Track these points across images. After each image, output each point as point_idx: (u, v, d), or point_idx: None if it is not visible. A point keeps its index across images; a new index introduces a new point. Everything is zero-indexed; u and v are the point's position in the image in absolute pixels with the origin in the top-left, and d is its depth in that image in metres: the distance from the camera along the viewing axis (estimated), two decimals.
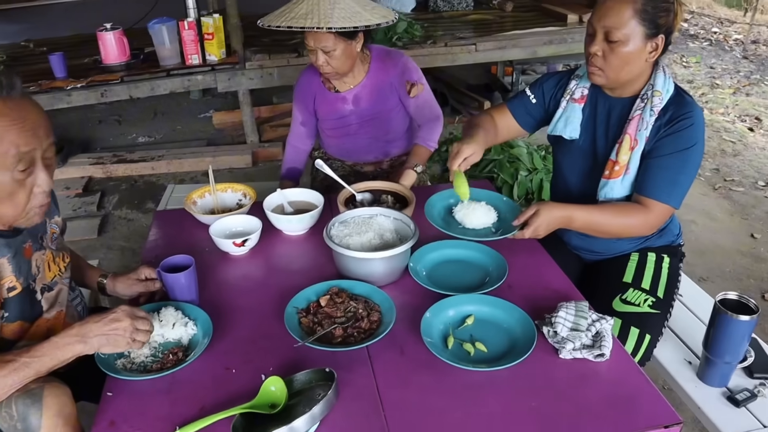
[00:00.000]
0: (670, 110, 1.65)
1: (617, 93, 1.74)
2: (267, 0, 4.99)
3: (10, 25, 5.70)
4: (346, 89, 2.31)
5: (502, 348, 1.40)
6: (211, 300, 1.60)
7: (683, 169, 1.63)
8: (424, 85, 2.33)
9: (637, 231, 1.70)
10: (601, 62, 1.64)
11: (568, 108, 1.81)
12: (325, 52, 2.11)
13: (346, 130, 2.39)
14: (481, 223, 1.74)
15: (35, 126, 1.25)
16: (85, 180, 4.01)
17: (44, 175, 1.29)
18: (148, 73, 3.93)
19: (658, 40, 1.61)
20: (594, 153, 1.79)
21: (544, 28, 4.57)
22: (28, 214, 1.31)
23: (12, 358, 1.23)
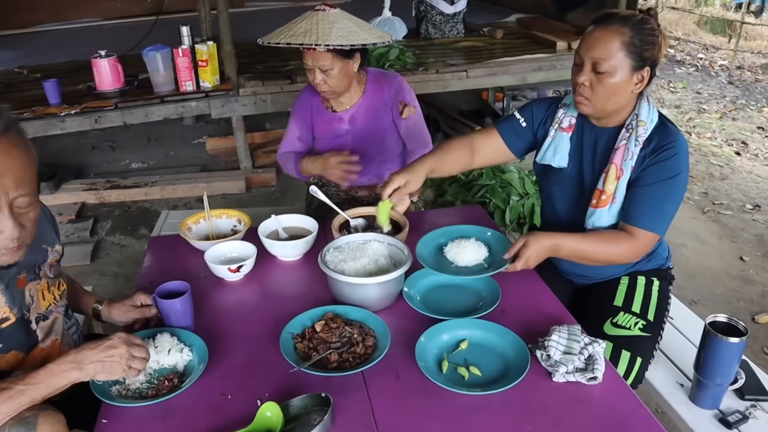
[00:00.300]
0: (654, 140, 1.68)
1: (603, 123, 1.77)
2: (260, 27, 5.07)
3: (3, 51, 5.73)
4: (343, 109, 2.35)
5: (496, 372, 1.41)
6: (207, 326, 1.60)
7: (668, 198, 1.66)
8: (416, 109, 2.37)
9: (624, 259, 1.73)
10: (589, 92, 1.67)
11: (556, 137, 1.83)
12: (323, 70, 2.16)
13: (343, 149, 2.42)
14: (473, 260, 1.73)
15: (2, 175, 1.19)
16: (78, 206, 4.01)
17: (9, 223, 1.22)
18: (142, 100, 3.96)
19: (644, 72, 1.65)
20: (581, 181, 1.82)
21: (534, 55, 4.64)
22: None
23: (7, 385, 1.22)
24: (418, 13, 5.28)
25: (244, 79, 4.18)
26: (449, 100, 5.45)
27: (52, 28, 6.81)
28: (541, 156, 1.87)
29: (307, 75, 2.24)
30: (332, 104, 2.36)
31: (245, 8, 7.30)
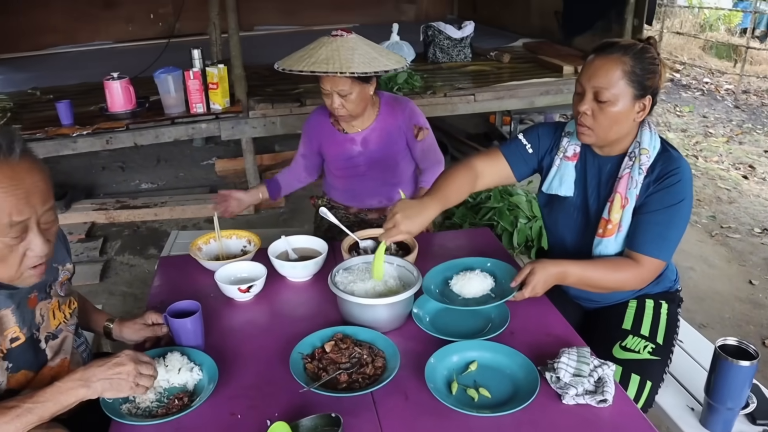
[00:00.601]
0: (657, 167, 1.69)
1: (605, 151, 1.77)
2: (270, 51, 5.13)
3: (17, 73, 5.83)
4: (355, 131, 2.38)
5: (505, 394, 1.41)
6: (217, 345, 1.61)
7: (672, 224, 1.66)
8: (429, 131, 2.40)
9: (630, 285, 1.73)
10: (591, 121, 1.67)
11: (561, 166, 1.83)
12: (342, 95, 2.19)
13: (354, 171, 2.44)
14: (480, 291, 1.72)
15: (29, 193, 1.23)
16: (87, 225, 4.04)
17: (39, 240, 1.27)
18: (153, 121, 4.00)
19: (645, 100, 1.66)
20: (586, 210, 1.82)
21: (541, 79, 4.68)
22: (23, 275, 1.30)
23: (15, 404, 1.23)
24: (425, 37, 5.34)
25: (254, 101, 4.22)
26: (457, 124, 5.50)
27: (65, 51, 6.92)
28: (547, 185, 1.87)
29: (324, 99, 2.27)
30: (344, 126, 2.39)
31: (255, 32, 7.39)
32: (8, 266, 1.27)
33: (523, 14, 6.48)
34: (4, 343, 1.34)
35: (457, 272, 1.80)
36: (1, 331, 1.33)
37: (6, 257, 1.26)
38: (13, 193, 1.21)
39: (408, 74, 4.43)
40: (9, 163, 1.22)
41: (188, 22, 6.75)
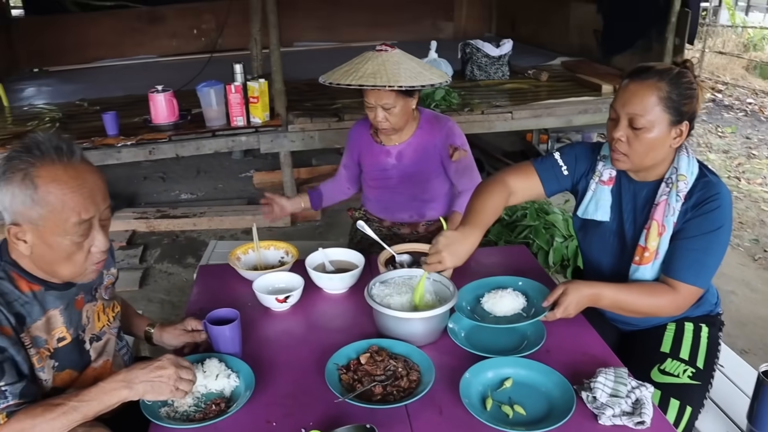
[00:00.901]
0: (696, 193, 1.65)
1: (641, 176, 1.74)
2: (309, 66, 5.21)
3: (66, 85, 6.03)
4: (391, 144, 2.41)
5: (540, 412, 1.40)
6: (253, 354, 1.63)
7: (710, 251, 1.63)
8: (467, 152, 2.40)
9: (665, 312, 1.69)
10: (626, 148, 1.64)
11: (597, 190, 1.80)
12: (386, 109, 2.22)
13: (386, 182, 2.46)
14: (511, 309, 1.72)
15: (93, 192, 1.31)
16: (129, 233, 4.14)
17: (101, 236, 1.35)
18: (195, 133, 4.09)
19: (682, 126, 1.62)
20: (622, 235, 1.80)
21: (579, 98, 4.66)
22: (86, 272, 1.38)
23: (61, 401, 1.28)
24: (464, 55, 5.36)
25: (293, 115, 4.29)
26: (494, 141, 5.49)
27: (112, 64, 7.13)
28: (583, 210, 1.84)
29: (367, 112, 2.31)
30: (382, 138, 2.42)
31: (294, 47, 7.51)
32: (73, 264, 1.34)
33: (562, 33, 6.46)
34: (51, 342, 1.38)
35: (489, 290, 1.79)
36: (49, 331, 1.38)
37: (73, 255, 1.33)
38: (80, 193, 1.28)
39: (446, 91, 4.45)
40: (73, 165, 1.29)
41: (230, 38, 6.90)
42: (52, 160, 1.27)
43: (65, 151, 1.28)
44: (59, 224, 1.28)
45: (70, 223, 1.28)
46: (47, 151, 1.27)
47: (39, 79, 6.53)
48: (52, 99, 5.45)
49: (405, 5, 8.03)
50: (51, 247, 1.30)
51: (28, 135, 1.32)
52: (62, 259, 1.33)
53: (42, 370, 1.36)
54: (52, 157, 1.27)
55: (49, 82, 6.28)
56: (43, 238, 1.29)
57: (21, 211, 1.27)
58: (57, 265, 1.34)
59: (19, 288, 1.34)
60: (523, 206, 3.72)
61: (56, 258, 1.32)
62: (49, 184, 1.26)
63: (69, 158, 1.29)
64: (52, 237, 1.29)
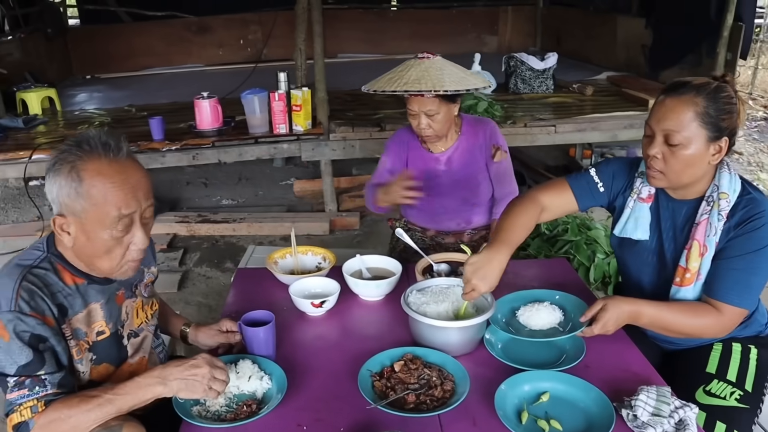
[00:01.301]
0: (739, 211, 1.58)
1: (680, 194, 1.68)
2: (352, 77, 5.24)
3: (115, 91, 6.21)
4: (439, 151, 2.39)
5: (578, 428, 1.36)
6: (287, 357, 1.63)
7: (756, 271, 1.56)
8: (507, 154, 2.38)
9: (709, 333, 1.62)
10: (661, 165, 1.58)
11: (636, 208, 1.74)
12: (429, 115, 2.21)
13: (437, 190, 2.43)
14: (547, 323, 1.68)
15: (136, 188, 1.33)
16: (170, 237, 4.21)
17: (141, 234, 1.36)
18: (238, 140, 4.15)
19: (721, 142, 1.56)
20: (662, 254, 1.74)
21: (625, 112, 4.57)
22: (122, 268, 1.39)
23: (97, 393, 1.29)
24: (507, 68, 5.33)
25: (334, 124, 4.31)
26: (535, 155, 5.43)
27: (160, 72, 7.32)
28: (620, 229, 1.77)
29: (410, 120, 2.29)
30: (429, 146, 2.41)
31: (338, 59, 7.59)
32: (111, 258, 1.36)
33: (609, 47, 6.37)
34: (91, 335, 1.40)
35: (525, 303, 1.76)
36: (90, 324, 1.40)
37: (112, 249, 1.34)
38: (122, 188, 1.30)
39: (488, 103, 4.42)
40: (118, 161, 1.31)
41: (275, 48, 7.03)
42: (98, 155, 1.30)
43: (112, 148, 1.31)
44: (100, 218, 1.30)
45: (111, 218, 1.30)
46: (95, 146, 1.30)
47: (91, 86, 6.75)
48: (102, 104, 5.61)
49: (449, 18, 8.06)
50: (91, 240, 1.33)
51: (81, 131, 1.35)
52: (101, 253, 1.35)
53: (80, 362, 1.38)
54: (99, 152, 1.30)
55: (100, 89, 6.48)
56: (85, 230, 1.31)
57: (66, 203, 1.30)
58: (96, 258, 1.36)
59: (63, 280, 1.36)
60: (564, 220, 3.65)
61: (96, 251, 1.34)
62: (93, 178, 1.28)
63: (115, 154, 1.31)
64: (93, 230, 1.31)
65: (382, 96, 2.19)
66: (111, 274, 1.40)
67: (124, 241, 1.35)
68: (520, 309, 1.74)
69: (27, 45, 6.19)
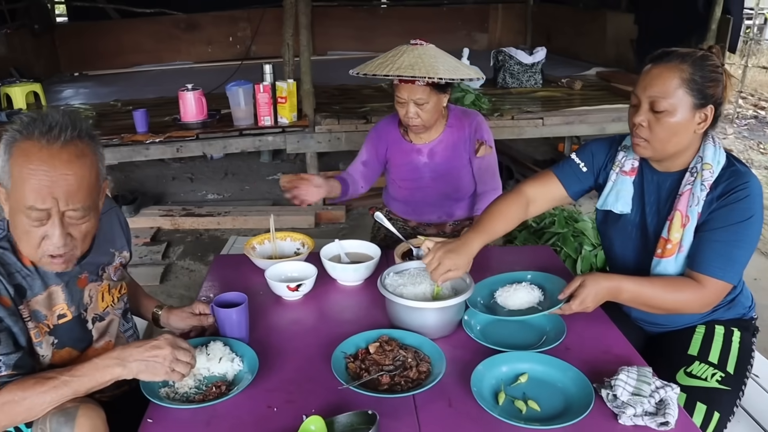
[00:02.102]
0: (722, 183, 1.56)
1: (665, 167, 1.66)
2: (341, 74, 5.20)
3: (103, 87, 6.15)
4: (422, 142, 2.34)
5: (556, 408, 1.32)
6: (261, 340, 1.59)
7: (739, 244, 1.53)
8: (492, 149, 2.34)
9: (691, 308, 1.59)
10: (647, 133, 1.56)
11: (618, 181, 1.72)
12: (418, 104, 2.16)
13: (418, 182, 2.39)
14: (526, 302, 1.65)
15: (55, 185, 1.21)
16: (153, 230, 4.17)
17: (57, 232, 1.24)
18: (222, 132, 4.11)
19: (707, 110, 1.54)
20: (644, 228, 1.71)
21: (613, 105, 4.55)
22: (41, 260, 1.30)
23: (53, 375, 1.24)
24: (496, 62, 5.30)
25: (320, 116, 4.27)
26: (524, 150, 5.40)
27: (148, 69, 7.26)
28: (602, 201, 1.76)
29: (397, 108, 2.23)
30: (410, 137, 2.36)
31: (328, 56, 7.55)
32: (30, 243, 1.27)
33: (598, 44, 6.37)
34: (51, 318, 1.36)
35: (504, 285, 1.73)
36: (50, 307, 1.35)
37: (28, 233, 1.26)
38: (39, 179, 1.20)
39: (476, 96, 4.39)
40: (49, 149, 1.21)
41: (264, 45, 6.98)
42: (37, 135, 1.21)
43: (46, 134, 1.21)
44: (18, 199, 1.22)
45: (23, 204, 1.21)
46: (39, 126, 1.22)
47: (78, 82, 6.68)
48: (88, 100, 5.55)
49: (439, 16, 8.03)
50: (12, 217, 1.27)
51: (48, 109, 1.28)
52: (21, 233, 1.27)
53: (40, 345, 1.33)
54: (41, 132, 1.21)
55: (87, 85, 6.42)
56: (11, 204, 1.26)
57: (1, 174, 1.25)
58: (20, 237, 1.28)
59: (22, 260, 1.32)
60: (551, 213, 3.62)
61: (18, 230, 1.27)
62: (18, 157, 1.21)
63: (50, 140, 1.20)
64: (15, 206, 1.24)
65: (370, 90, 2.16)
66: (36, 260, 1.30)
67: (39, 231, 1.25)
68: (498, 290, 1.71)
69: (13, 41, 6.12)
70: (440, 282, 1.59)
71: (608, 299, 1.55)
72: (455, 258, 1.57)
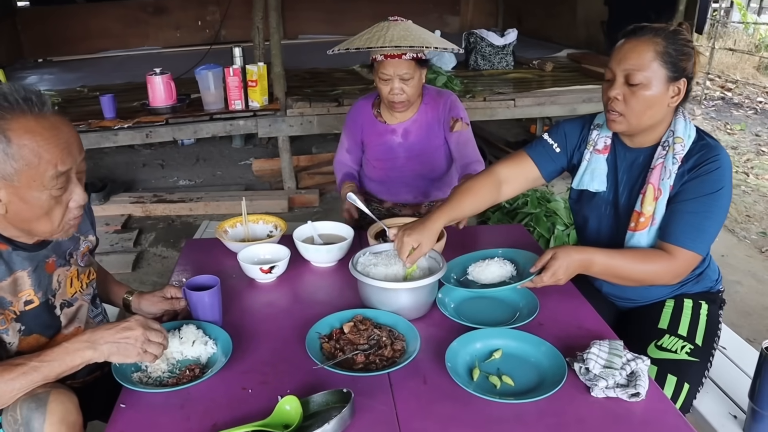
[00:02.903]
0: (694, 156, 1.59)
1: (637, 142, 1.68)
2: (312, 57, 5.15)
3: (69, 73, 6.01)
4: (396, 122, 2.34)
5: (530, 383, 1.33)
6: (234, 323, 1.57)
7: (709, 215, 1.55)
8: (468, 127, 2.34)
9: (662, 279, 1.61)
10: (622, 107, 1.58)
11: (592, 160, 1.74)
12: (404, 79, 2.16)
13: (393, 162, 2.39)
14: (498, 276, 1.66)
15: (69, 143, 1.25)
16: (124, 218, 4.10)
17: (79, 190, 1.30)
18: (192, 117, 4.04)
19: (680, 84, 1.56)
20: (617, 204, 1.74)
21: (584, 86, 4.58)
22: (64, 228, 1.32)
23: (22, 362, 1.22)
24: (467, 44, 5.29)
25: (291, 100, 4.23)
26: (496, 132, 5.42)
27: (115, 55, 7.11)
28: (577, 181, 1.77)
29: (380, 87, 2.22)
30: (384, 117, 2.35)
31: (299, 40, 7.47)
32: (51, 220, 1.28)
33: (569, 26, 6.39)
34: (18, 304, 1.32)
35: (476, 261, 1.74)
36: (16, 293, 1.32)
37: (51, 210, 1.26)
38: (56, 143, 1.22)
39: (447, 78, 4.38)
40: (45, 116, 1.22)
41: (233, 29, 6.88)
42: (22, 111, 1.19)
43: (35, 102, 1.21)
44: (36, 178, 1.21)
45: (48, 176, 1.21)
46: (16, 102, 1.20)
47: (42, 69, 6.52)
48: (53, 86, 5.42)
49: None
50: (28, 204, 1.23)
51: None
52: (40, 216, 1.26)
53: (6, 333, 1.30)
54: (22, 109, 1.19)
55: (52, 71, 6.27)
56: (20, 194, 1.22)
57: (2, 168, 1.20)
58: (34, 222, 1.27)
59: None
60: (524, 194, 3.65)
61: (34, 215, 1.26)
62: (22, 137, 1.18)
63: (40, 109, 1.21)
64: (29, 192, 1.22)
65: (341, 73, 2.16)
66: (52, 235, 1.32)
67: (63, 199, 1.27)
68: (470, 266, 1.72)
69: None
70: (408, 264, 1.59)
71: (580, 272, 1.57)
72: (417, 235, 1.58)
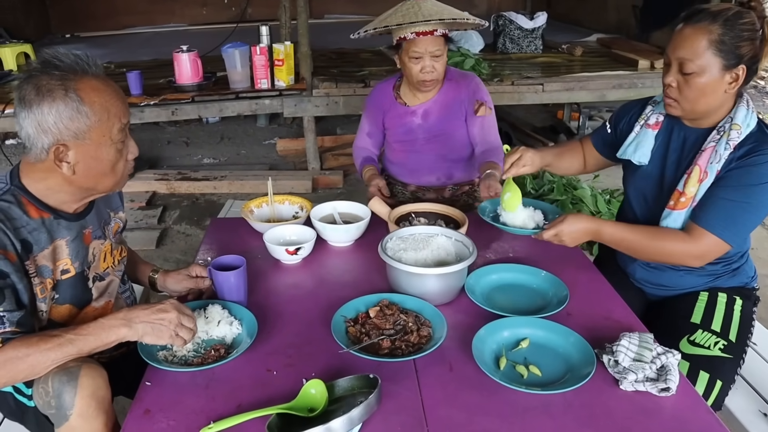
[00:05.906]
0: (747, 145, 1.54)
1: (695, 123, 1.65)
2: (339, 37, 5.10)
3: (96, 49, 6.03)
4: (417, 103, 2.31)
5: (557, 373, 1.31)
6: (259, 303, 1.57)
7: (747, 206, 1.51)
8: (492, 111, 2.30)
9: (679, 258, 1.59)
10: (676, 93, 1.56)
11: (641, 133, 1.74)
12: (435, 56, 2.14)
13: (413, 144, 2.36)
14: (520, 222, 1.83)
15: (123, 98, 1.34)
16: (149, 194, 4.12)
17: (133, 143, 1.39)
18: (218, 95, 4.04)
19: (738, 70, 1.51)
20: (662, 181, 1.71)
21: (614, 72, 4.49)
22: (124, 179, 1.41)
23: (58, 333, 1.23)
24: (496, 27, 5.22)
25: (318, 80, 4.20)
26: (523, 117, 5.35)
27: (142, 31, 7.13)
28: (622, 151, 1.78)
29: (410, 66, 2.18)
30: (405, 99, 2.32)
31: (325, 19, 7.42)
32: (116, 173, 1.36)
33: (599, 10, 6.27)
34: (56, 273, 1.33)
35: None
36: (55, 261, 1.33)
37: (116, 163, 1.34)
38: (118, 98, 1.31)
39: (475, 61, 4.32)
40: (99, 76, 1.29)
41: (259, 8, 6.84)
42: (84, 71, 1.26)
43: (91, 63, 1.28)
44: (105, 133, 1.28)
45: (115, 130, 1.30)
46: (76, 63, 1.26)
47: (70, 44, 6.57)
48: None
49: None
50: (97, 159, 1.30)
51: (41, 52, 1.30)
52: (108, 170, 1.33)
53: (43, 301, 1.32)
54: (84, 69, 1.26)
55: (79, 47, 6.29)
56: (90, 152, 1.28)
57: (67, 127, 1.24)
58: (102, 177, 1.34)
59: (28, 213, 1.29)
60: (549, 179, 3.61)
61: (103, 170, 1.32)
62: (90, 94, 1.25)
63: (96, 69, 1.29)
64: (100, 148, 1.29)
65: (368, 53, 2.14)
66: (114, 188, 1.40)
67: (123, 153, 1.35)
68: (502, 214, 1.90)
69: (1, 0, 5.98)
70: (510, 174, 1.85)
71: (588, 239, 1.63)
72: (533, 156, 1.86)
